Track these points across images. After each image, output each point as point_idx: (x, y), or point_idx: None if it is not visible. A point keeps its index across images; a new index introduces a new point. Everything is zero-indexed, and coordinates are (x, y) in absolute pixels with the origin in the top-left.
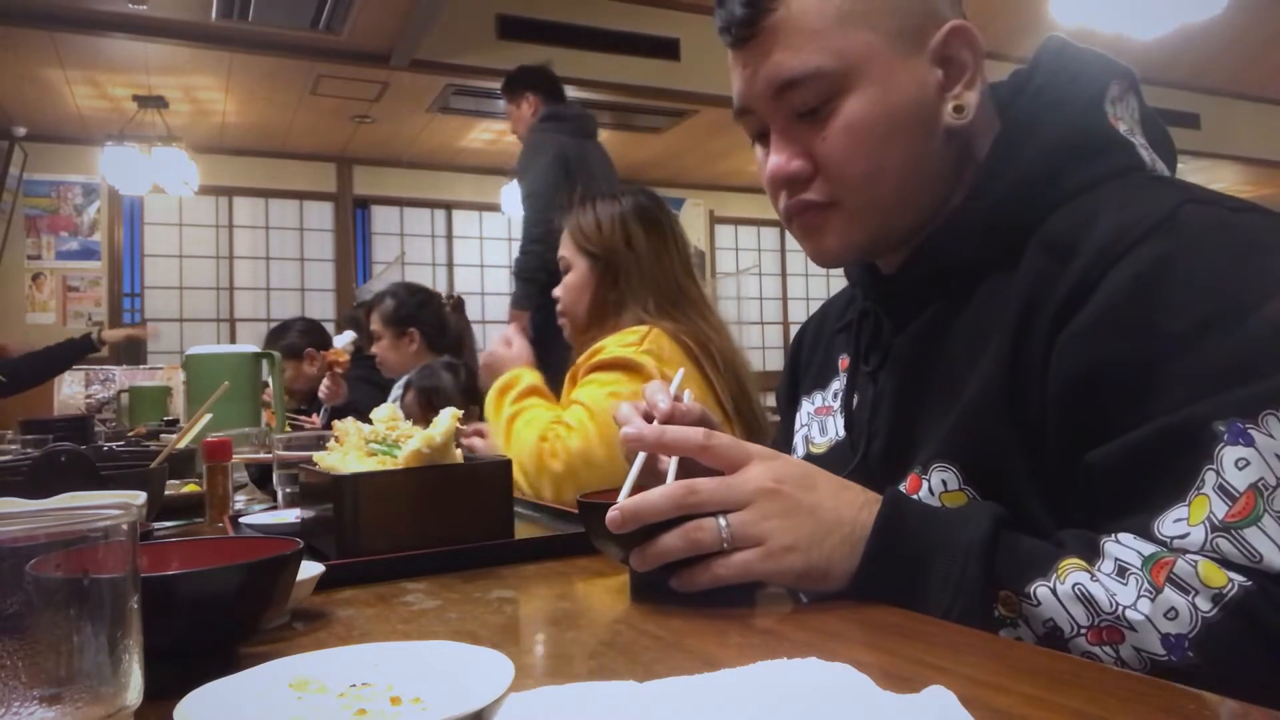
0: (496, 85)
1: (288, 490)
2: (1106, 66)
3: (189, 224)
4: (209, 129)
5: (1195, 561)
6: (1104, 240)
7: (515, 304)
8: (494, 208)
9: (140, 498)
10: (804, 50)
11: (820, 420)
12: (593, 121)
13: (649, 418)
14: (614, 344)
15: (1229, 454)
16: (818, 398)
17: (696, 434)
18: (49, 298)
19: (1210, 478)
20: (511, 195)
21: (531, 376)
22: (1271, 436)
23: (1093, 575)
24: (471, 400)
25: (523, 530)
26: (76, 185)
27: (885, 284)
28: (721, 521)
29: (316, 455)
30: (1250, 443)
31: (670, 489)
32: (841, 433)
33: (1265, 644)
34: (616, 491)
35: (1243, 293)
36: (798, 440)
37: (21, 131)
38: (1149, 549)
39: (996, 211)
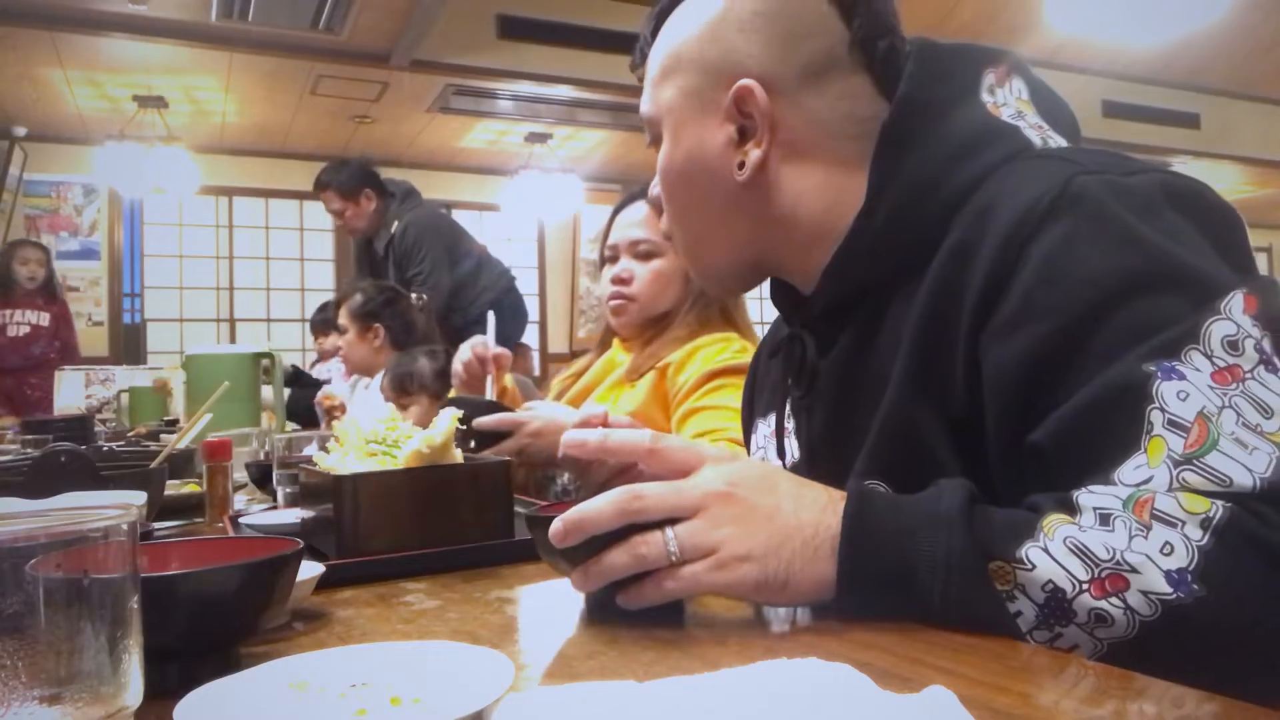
0: (497, 85)
1: (288, 490)
2: (978, 57)
3: (189, 224)
4: (209, 129)
5: (1174, 493)
6: (1004, 231)
7: None
8: (493, 208)
9: (140, 498)
10: (646, 96)
11: (774, 443)
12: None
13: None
14: (714, 351)
15: (1167, 388)
16: (772, 419)
17: (643, 435)
18: None
19: (1157, 417)
20: (511, 195)
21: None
22: (1198, 370)
23: (1080, 527)
24: (447, 386)
25: (523, 530)
26: (76, 185)
27: (803, 308)
28: (669, 533)
29: (316, 455)
30: (1182, 376)
31: (614, 495)
32: (777, 458)
33: (1263, 562)
34: (573, 504)
35: (1145, 253)
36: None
37: (21, 131)
38: (1125, 492)
39: (889, 228)
